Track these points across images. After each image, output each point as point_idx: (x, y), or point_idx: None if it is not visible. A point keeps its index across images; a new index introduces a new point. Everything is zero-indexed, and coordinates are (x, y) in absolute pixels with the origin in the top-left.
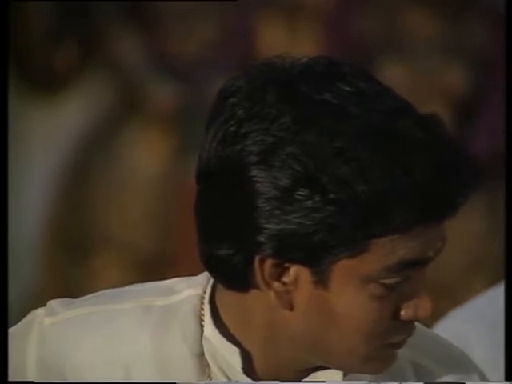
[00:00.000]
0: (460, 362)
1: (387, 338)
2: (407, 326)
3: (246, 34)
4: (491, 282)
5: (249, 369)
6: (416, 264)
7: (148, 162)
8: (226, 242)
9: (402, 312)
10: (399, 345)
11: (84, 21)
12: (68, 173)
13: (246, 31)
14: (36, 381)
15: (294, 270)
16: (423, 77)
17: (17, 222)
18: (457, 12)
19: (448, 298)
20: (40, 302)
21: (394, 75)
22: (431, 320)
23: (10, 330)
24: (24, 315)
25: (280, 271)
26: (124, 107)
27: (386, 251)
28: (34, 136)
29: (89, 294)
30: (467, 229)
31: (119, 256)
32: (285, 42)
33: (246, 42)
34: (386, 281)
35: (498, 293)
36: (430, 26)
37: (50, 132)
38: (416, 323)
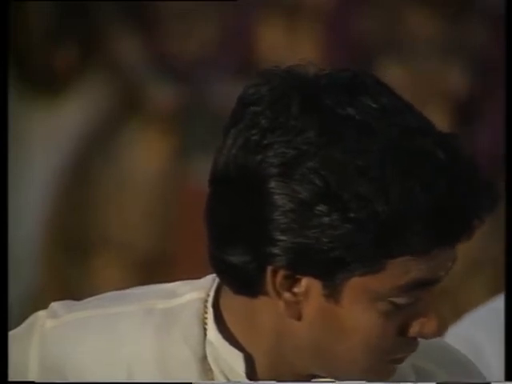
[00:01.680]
0: (463, 366)
1: (390, 354)
2: (411, 343)
3: (245, 34)
4: (491, 284)
5: (252, 373)
6: (427, 284)
7: (148, 162)
8: (238, 249)
9: (409, 330)
10: (401, 360)
11: (84, 21)
12: (68, 173)
13: (246, 31)
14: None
15: (305, 281)
16: (423, 77)
17: (17, 222)
18: (457, 12)
19: (448, 300)
20: (40, 302)
21: (393, 75)
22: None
23: (12, 332)
24: (24, 315)
25: (291, 282)
26: (124, 107)
27: (400, 271)
28: (34, 136)
29: (89, 294)
30: None
31: (119, 256)
32: (285, 42)
33: (246, 42)
34: (396, 300)
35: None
36: (430, 26)
37: (50, 132)
38: None
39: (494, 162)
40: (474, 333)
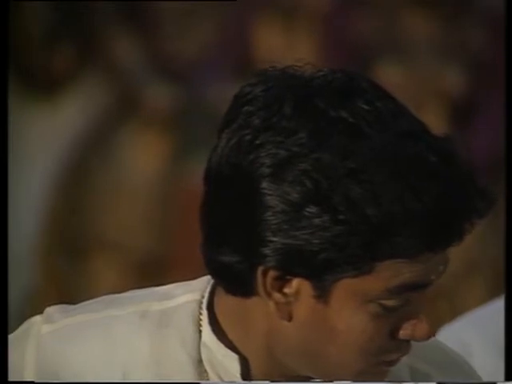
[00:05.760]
0: (459, 368)
1: (382, 356)
2: (403, 346)
3: (244, 35)
4: (490, 285)
5: (247, 375)
6: (418, 287)
7: (146, 163)
8: (230, 248)
9: (400, 332)
10: (393, 363)
11: (82, 22)
12: (67, 175)
13: (245, 32)
14: None
15: (296, 282)
16: (422, 78)
17: (16, 223)
18: (455, 13)
19: (446, 301)
20: (38, 304)
21: (392, 76)
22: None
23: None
24: (22, 317)
25: (282, 282)
26: (122, 109)
27: (390, 274)
28: (34, 138)
29: (87, 296)
30: None
31: (117, 258)
32: (283, 43)
33: (245, 43)
34: (387, 302)
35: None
36: (428, 27)
37: (49, 134)
38: None
39: (494, 163)
40: (463, 334)
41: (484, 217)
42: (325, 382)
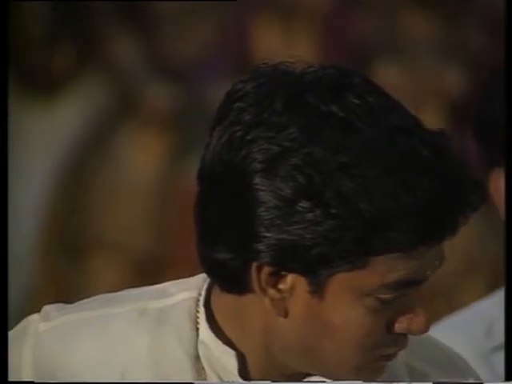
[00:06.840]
0: (456, 365)
1: (379, 351)
2: (400, 340)
3: (243, 35)
4: (489, 284)
5: (244, 372)
6: (413, 283)
7: (145, 163)
8: (224, 246)
9: (396, 326)
10: (391, 357)
11: (82, 23)
12: (66, 175)
13: (244, 33)
14: None
15: (290, 278)
16: (421, 78)
17: (16, 223)
18: (455, 13)
19: (445, 300)
20: (38, 303)
21: (391, 76)
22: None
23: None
24: (22, 315)
25: (276, 278)
26: (121, 109)
27: (385, 269)
28: (34, 138)
29: (86, 295)
30: (465, 229)
31: (116, 258)
32: (283, 43)
33: (244, 43)
34: (383, 296)
35: (491, 302)
36: (428, 27)
37: (49, 134)
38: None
39: None
40: (443, 337)
41: (478, 210)
42: (325, 381)
